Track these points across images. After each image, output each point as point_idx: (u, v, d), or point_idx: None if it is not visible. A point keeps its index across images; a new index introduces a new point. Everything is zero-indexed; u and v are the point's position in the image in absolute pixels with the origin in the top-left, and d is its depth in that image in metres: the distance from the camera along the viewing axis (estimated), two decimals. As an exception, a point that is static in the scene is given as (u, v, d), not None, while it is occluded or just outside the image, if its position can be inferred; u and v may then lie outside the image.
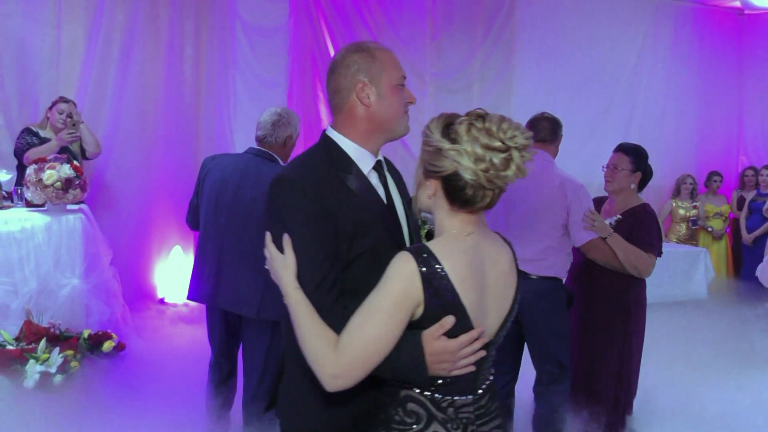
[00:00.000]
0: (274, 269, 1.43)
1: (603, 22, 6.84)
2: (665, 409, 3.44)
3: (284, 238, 1.42)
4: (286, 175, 1.51)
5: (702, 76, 7.52)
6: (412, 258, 1.34)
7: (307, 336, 1.35)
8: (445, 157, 1.36)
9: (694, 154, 7.51)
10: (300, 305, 1.38)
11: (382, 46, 1.62)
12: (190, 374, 3.79)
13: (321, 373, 1.32)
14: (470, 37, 6.28)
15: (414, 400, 1.40)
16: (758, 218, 6.56)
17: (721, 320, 5.41)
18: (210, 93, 5.33)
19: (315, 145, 1.63)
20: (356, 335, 1.31)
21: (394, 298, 1.32)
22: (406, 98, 1.61)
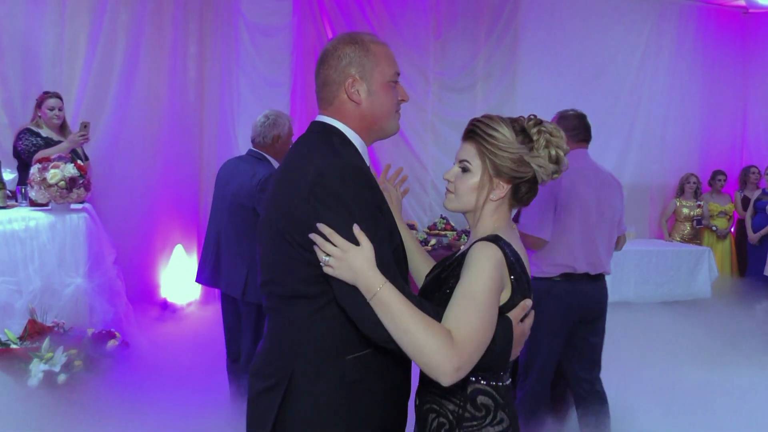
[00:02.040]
0: (346, 263, 1.28)
1: (607, 21, 6.82)
2: (673, 408, 3.43)
3: (354, 228, 1.29)
4: (330, 162, 1.36)
5: (706, 75, 7.49)
6: (494, 245, 1.37)
7: (417, 331, 1.25)
8: (527, 164, 1.43)
9: (697, 154, 7.48)
10: (396, 300, 1.27)
11: (377, 38, 1.52)
12: (193, 373, 3.81)
13: (444, 366, 1.24)
14: (474, 36, 6.27)
15: (482, 392, 1.41)
16: (763, 217, 6.53)
17: (725, 319, 5.40)
18: (213, 92, 5.34)
19: (314, 133, 1.49)
20: (470, 323, 1.28)
21: (492, 285, 1.33)
22: (398, 96, 1.52)
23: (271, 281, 1.45)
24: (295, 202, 1.36)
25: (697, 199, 6.82)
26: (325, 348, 1.39)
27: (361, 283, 1.28)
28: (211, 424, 3.17)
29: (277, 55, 5.52)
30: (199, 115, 5.32)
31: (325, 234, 1.29)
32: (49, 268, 3.35)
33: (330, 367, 1.39)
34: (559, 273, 2.89)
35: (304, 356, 1.39)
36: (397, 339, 1.27)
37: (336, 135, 1.46)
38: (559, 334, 2.92)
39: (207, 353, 4.13)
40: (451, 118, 6.13)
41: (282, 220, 1.39)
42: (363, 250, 1.28)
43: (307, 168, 1.36)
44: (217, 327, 4.64)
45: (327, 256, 1.29)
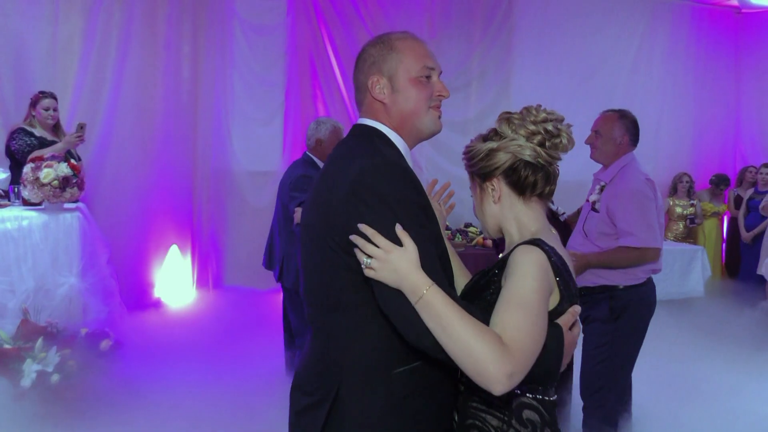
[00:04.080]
0: (390, 265, 1.21)
1: (600, 20, 6.84)
2: (665, 408, 3.45)
3: (397, 228, 1.23)
4: (371, 162, 1.29)
5: (699, 74, 7.52)
6: (538, 249, 1.31)
7: (467, 336, 1.17)
8: (498, 152, 1.41)
9: (690, 153, 7.51)
10: (443, 302, 1.19)
11: (408, 34, 1.46)
12: (186, 374, 3.80)
13: (497, 373, 1.15)
14: (468, 36, 6.28)
15: (528, 406, 1.34)
16: (756, 216, 6.56)
17: (719, 318, 5.43)
18: (207, 91, 5.33)
19: (357, 134, 1.45)
20: (521, 328, 1.20)
21: (540, 290, 1.26)
22: (434, 91, 1.44)
23: (313, 291, 1.40)
24: (334, 203, 1.30)
25: (690, 198, 6.85)
26: (372, 362, 1.32)
27: (405, 286, 1.21)
28: (205, 425, 3.17)
29: (272, 54, 5.52)
30: (193, 115, 5.30)
31: (366, 234, 1.23)
32: (42, 267, 3.34)
33: (378, 382, 1.32)
34: (648, 276, 2.85)
35: (350, 372, 1.32)
36: (446, 345, 1.19)
37: (377, 136, 1.41)
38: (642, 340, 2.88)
39: (201, 355, 4.13)
40: (445, 117, 5.95)
41: (321, 223, 1.33)
42: (407, 250, 1.22)
43: (348, 168, 1.30)
44: (211, 328, 4.64)
45: (368, 258, 1.23)
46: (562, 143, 1.42)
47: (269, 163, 5.56)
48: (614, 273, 2.78)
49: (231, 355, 4.19)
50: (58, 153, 3.70)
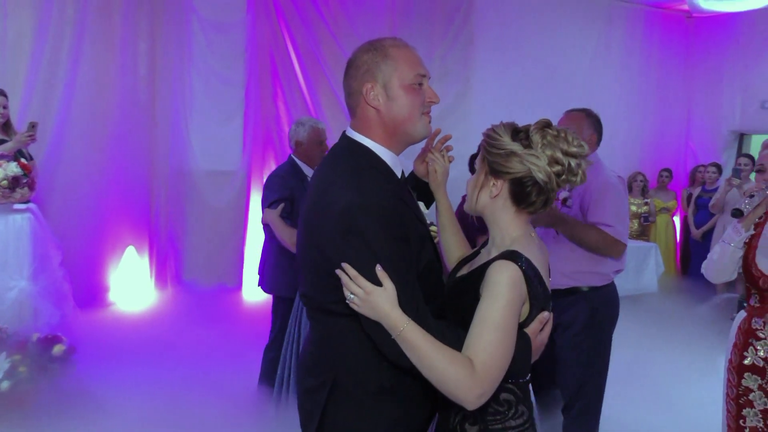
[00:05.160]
0: (370, 305, 1.35)
1: (559, 22, 6.98)
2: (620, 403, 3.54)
3: (377, 270, 1.34)
4: (356, 200, 1.36)
5: (652, 76, 7.76)
6: (513, 264, 1.40)
7: (440, 365, 1.33)
8: (518, 160, 1.45)
9: (644, 153, 7.74)
10: (419, 338, 1.34)
11: (400, 41, 1.50)
12: (143, 377, 3.74)
13: (467, 396, 1.32)
14: (429, 36, 6.32)
15: (504, 389, 1.46)
16: (705, 214, 6.80)
17: (671, 314, 5.61)
18: (165, 89, 5.22)
19: (341, 150, 1.51)
20: (489, 350, 1.34)
21: (511, 306, 1.38)
22: (425, 98, 1.50)
23: (309, 295, 1.53)
24: (323, 235, 1.41)
25: (644, 196, 7.05)
26: (362, 356, 1.45)
27: (385, 323, 1.35)
28: (163, 429, 3.12)
29: (231, 52, 5.45)
30: (150, 113, 5.20)
31: (350, 274, 1.35)
32: (-10, 271, 3.23)
33: (369, 373, 1.46)
34: (614, 276, 2.87)
35: (344, 363, 1.47)
36: (423, 371, 1.35)
37: (364, 156, 1.47)
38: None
39: (158, 357, 4.06)
40: (406, 117, 6.16)
41: (314, 247, 1.45)
42: (385, 291, 1.34)
43: (334, 200, 1.39)
44: (169, 330, 4.57)
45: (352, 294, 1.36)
46: (575, 181, 1.49)
47: (229, 162, 5.49)
48: (585, 274, 2.78)
49: (189, 357, 4.14)
50: (7, 152, 3.59)
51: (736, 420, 2.37)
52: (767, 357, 2.30)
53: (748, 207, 2.31)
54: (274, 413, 3.09)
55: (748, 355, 2.35)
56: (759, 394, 2.32)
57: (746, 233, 2.35)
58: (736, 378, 2.38)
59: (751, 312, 2.38)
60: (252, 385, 3.55)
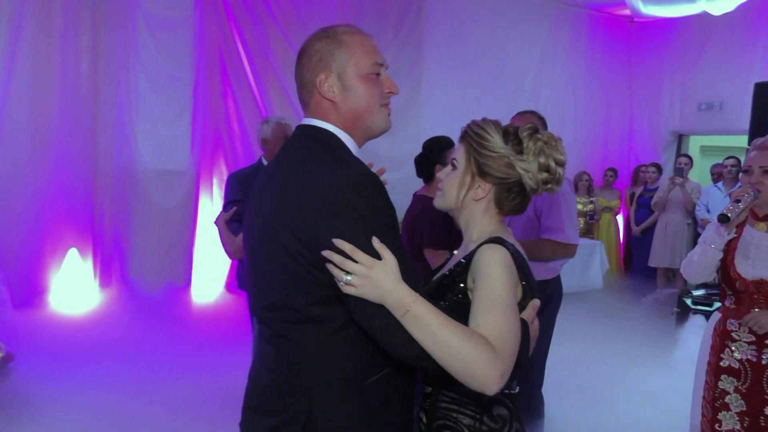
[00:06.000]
0: (372, 281, 1.17)
1: (507, 24, 7.10)
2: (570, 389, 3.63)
3: (375, 242, 1.18)
4: (340, 175, 1.23)
5: (596, 78, 7.99)
6: (500, 246, 1.34)
7: (458, 342, 1.16)
8: (510, 166, 1.41)
9: (590, 153, 7.97)
10: (431, 311, 1.18)
11: (354, 28, 1.39)
12: (85, 381, 3.62)
13: (492, 374, 1.16)
14: (380, 35, 6.33)
15: (497, 402, 1.37)
16: (645, 212, 7.06)
17: (615, 309, 5.78)
18: (109, 87, 5.05)
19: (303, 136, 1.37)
20: (502, 327, 1.22)
21: (509, 285, 1.29)
22: (384, 88, 1.38)
23: (277, 306, 1.31)
24: (304, 218, 1.22)
25: (589, 195, 7.25)
26: (345, 373, 1.28)
27: (390, 301, 1.17)
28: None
29: (179, 49, 5.32)
30: (93, 111, 5.02)
31: (345, 251, 1.17)
32: None
33: (352, 393, 1.28)
34: (560, 268, 2.98)
35: (323, 385, 1.27)
36: (437, 354, 1.17)
37: (330, 138, 1.34)
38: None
39: (98, 364, 3.93)
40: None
41: (289, 238, 1.25)
42: (387, 264, 1.18)
43: (314, 180, 1.24)
44: (111, 337, 4.42)
45: (347, 274, 1.18)
46: (554, 189, 1.47)
47: (176, 161, 5.36)
48: (536, 269, 2.85)
49: (135, 359, 4.03)
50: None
51: (712, 425, 2.36)
52: (742, 359, 2.31)
53: (734, 212, 2.26)
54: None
55: (724, 356, 2.35)
56: (735, 396, 2.31)
57: (728, 236, 2.34)
58: (713, 380, 2.37)
59: (726, 313, 2.39)
60: (203, 388, 3.48)
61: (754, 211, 2.37)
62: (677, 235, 6.59)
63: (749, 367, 2.30)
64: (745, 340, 2.31)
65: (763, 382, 2.27)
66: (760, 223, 2.34)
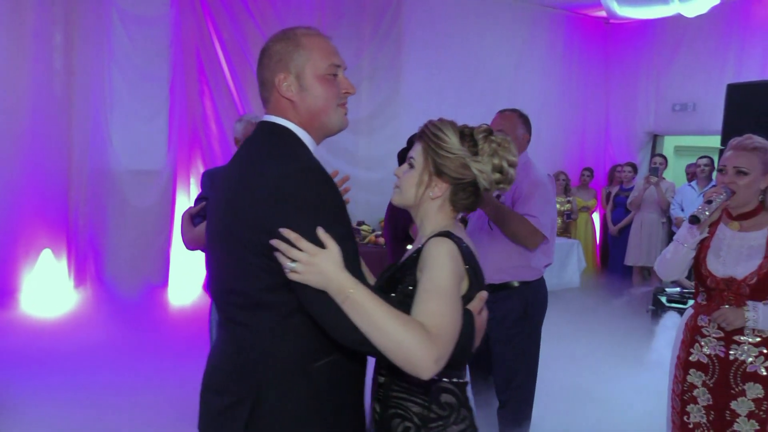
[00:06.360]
0: (315, 268, 1.23)
1: (485, 24, 7.13)
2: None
3: (319, 231, 1.24)
4: (290, 166, 1.31)
5: (573, 78, 8.07)
6: (449, 239, 1.40)
7: (394, 328, 1.23)
8: (466, 167, 1.46)
9: (567, 153, 8.04)
10: (369, 299, 1.24)
11: (313, 31, 1.46)
12: (54, 391, 3.56)
13: (425, 359, 1.23)
14: (358, 35, 6.32)
15: (445, 390, 1.44)
16: (621, 211, 7.15)
17: (594, 307, 5.86)
18: (83, 85, 4.97)
19: (261, 133, 1.44)
20: (440, 315, 1.29)
21: (454, 276, 1.36)
22: (341, 89, 1.46)
23: (231, 291, 1.39)
24: (255, 207, 1.30)
25: (567, 195, 7.32)
26: (294, 357, 1.34)
27: (331, 287, 1.24)
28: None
29: (155, 48, 5.26)
30: (67, 110, 4.93)
31: (290, 239, 1.24)
32: None
33: (300, 377, 1.34)
34: (543, 270, 2.95)
35: (273, 368, 1.34)
36: (374, 339, 1.24)
37: (287, 135, 1.42)
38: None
39: (72, 368, 3.87)
40: (337, 116, 6.14)
41: (241, 226, 1.33)
42: (330, 252, 1.25)
43: (267, 172, 1.31)
44: (85, 340, 4.36)
45: (292, 262, 1.24)
46: (506, 188, 1.53)
47: (153, 161, 5.29)
48: (518, 269, 2.86)
49: (111, 360, 3.98)
50: None
51: (681, 416, 2.43)
52: (711, 354, 2.36)
53: (705, 213, 2.28)
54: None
55: (693, 351, 2.40)
56: (703, 390, 2.37)
57: (700, 235, 2.38)
58: (682, 374, 2.43)
59: (698, 309, 2.44)
60: (180, 391, 3.44)
61: (728, 211, 2.40)
62: (652, 234, 6.69)
63: (717, 363, 2.35)
64: (714, 336, 2.36)
65: (730, 378, 2.32)
66: (733, 223, 2.38)
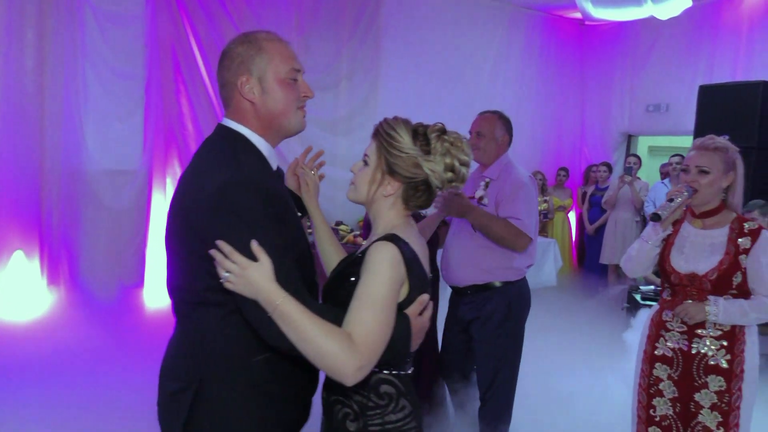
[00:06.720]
0: (246, 279, 1.31)
1: (463, 25, 7.17)
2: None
3: (253, 244, 1.31)
4: (231, 177, 1.36)
5: (550, 79, 8.15)
6: (392, 244, 1.43)
7: (318, 339, 1.31)
8: (418, 166, 1.49)
9: (543, 153, 8.13)
10: (296, 312, 1.31)
11: (273, 35, 1.52)
12: (25, 397, 3.49)
13: (345, 368, 1.31)
14: (337, 34, 6.30)
15: (384, 381, 1.49)
16: (597, 210, 7.24)
17: (571, 306, 5.92)
18: (56, 83, 4.87)
19: (219, 139, 1.50)
20: (368, 324, 1.34)
21: (389, 283, 1.39)
22: (300, 92, 1.53)
23: (179, 287, 1.49)
24: (196, 214, 1.37)
25: (543, 194, 7.39)
26: (234, 351, 1.43)
27: (261, 299, 1.31)
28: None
29: (129, 46, 5.18)
30: (38, 109, 4.82)
31: (224, 251, 1.31)
32: None
33: (239, 369, 1.43)
34: (526, 271, 2.96)
35: (214, 360, 1.43)
36: (300, 347, 1.32)
37: (240, 141, 1.47)
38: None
39: (47, 375, 3.80)
40: (314, 115, 6.10)
41: (185, 231, 1.41)
42: (262, 266, 1.31)
43: (208, 180, 1.37)
44: (61, 342, 4.27)
45: (227, 272, 1.32)
46: (458, 186, 1.56)
47: (128, 161, 5.21)
48: (501, 269, 2.89)
49: (86, 365, 3.91)
50: None
51: (647, 410, 2.50)
52: (675, 347, 2.44)
53: (666, 211, 2.36)
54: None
55: (659, 345, 2.48)
56: (668, 383, 2.45)
57: (664, 232, 2.46)
58: (648, 368, 2.51)
59: (663, 305, 2.52)
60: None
61: (691, 209, 2.49)
62: (627, 233, 6.78)
63: (681, 356, 2.43)
64: (677, 330, 2.45)
65: (693, 371, 2.40)
66: (697, 220, 2.47)
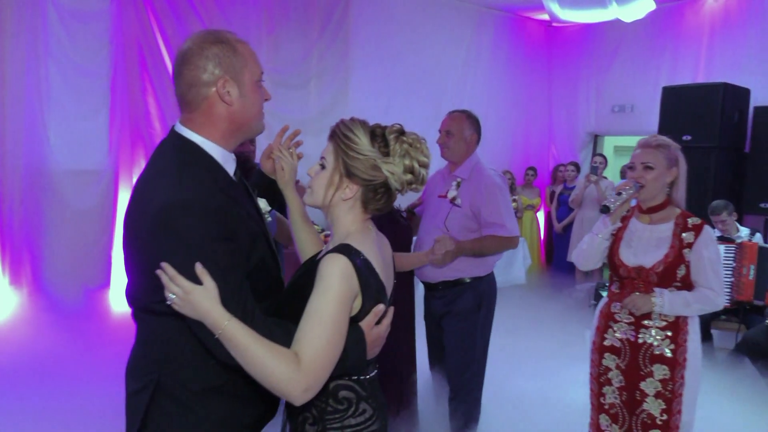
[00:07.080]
0: (190, 304, 1.29)
1: (432, 26, 7.21)
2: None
3: (197, 267, 1.29)
4: (174, 197, 1.32)
5: (517, 79, 8.25)
6: (344, 257, 1.39)
7: (264, 361, 1.30)
8: (377, 168, 1.45)
9: (512, 152, 8.22)
10: (242, 334, 1.30)
11: (238, 37, 1.48)
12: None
13: (292, 391, 1.30)
14: (306, 33, 6.27)
15: (344, 387, 1.47)
16: (565, 209, 7.36)
17: (539, 303, 5.99)
18: (17, 81, 4.74)
19: (168, 149, 1.46)
20: (316, 344, 1.32)
21: (340, 299, 1.36)
22: (264, 95, 1.52)
23: (135, 296, 1.48)
24: (142, 235, 1.37)
25: (512, 194, 7.48)
26: (189, 355, 1.42)
27: (206, 322, 1.31)
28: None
29: (94, 43, 5.07)
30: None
31: (169, 274, 1.30)
32: None
33: (195, 372, 1.43)
34: (494, 265, 3.04)
35: (169, 361, 1.44)
36: (247, 368, 1.32)
37: (189, 152, 1.42)
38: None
39: (14, 377, 3.71)
40: (284, 114, 6.05)
41: (136, 244, 1.41)
42: (205, 289, 1.30)
43: (152, 199, 1.35)
44: (27, 348, 4.16)
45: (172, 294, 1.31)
46: (418, 188, 1.53)
47: (93, 161, 5.11)
48: (471, 265, 2.94)
49: (49, 371, 3.82)
50: None
51: (598, 397, 2.62)
52: (623, 338, 2.53)
53: (615, 204, 2.49)
54: None
55: (607, 336, 2.58)
56: (616, 373, 2.55)
57: (613, 226, 2.57)
58: (598, 358, 2.61)
59: (612, 297, 2.62)
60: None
61: (639, 205, 2.59)
62: (593, 231, 6.89)
63: (628, 346, 2.53)
64: (625, 321, 2.54)
65: (639, 360, 2.50)
66: (644, 216, 2.58)
